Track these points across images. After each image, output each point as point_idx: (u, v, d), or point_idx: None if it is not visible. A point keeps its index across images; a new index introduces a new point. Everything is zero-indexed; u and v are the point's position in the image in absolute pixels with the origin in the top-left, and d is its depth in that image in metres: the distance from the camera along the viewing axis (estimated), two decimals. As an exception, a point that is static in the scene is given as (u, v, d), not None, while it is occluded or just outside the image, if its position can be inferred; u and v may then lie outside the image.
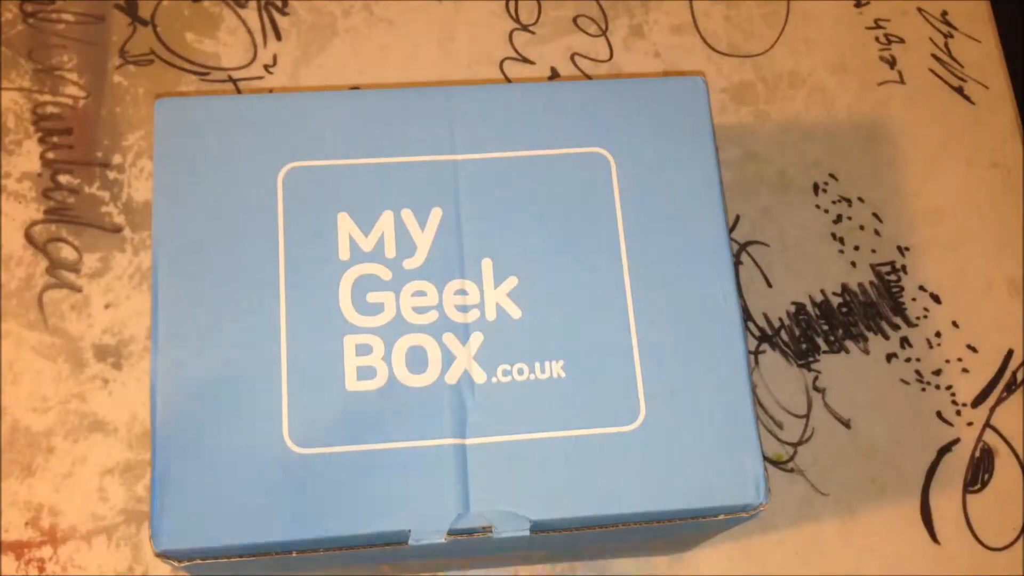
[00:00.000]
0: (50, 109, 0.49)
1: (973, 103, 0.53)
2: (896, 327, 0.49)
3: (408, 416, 0.31)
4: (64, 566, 0.43)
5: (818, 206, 0.50)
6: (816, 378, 0.48)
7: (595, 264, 0.33)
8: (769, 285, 0.49)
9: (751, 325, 0.48)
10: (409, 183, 0.34)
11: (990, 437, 0.48)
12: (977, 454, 0.47)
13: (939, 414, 0.48)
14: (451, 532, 0.31)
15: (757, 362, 0.48)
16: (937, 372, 0.48)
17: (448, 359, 0.32)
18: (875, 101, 0.52)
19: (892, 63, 0.53)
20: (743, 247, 0.49)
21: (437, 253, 0.33)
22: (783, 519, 0.46)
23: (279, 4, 0.52)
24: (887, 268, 0.50)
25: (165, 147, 0.33)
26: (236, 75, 0.50)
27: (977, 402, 0.48)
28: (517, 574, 0.44)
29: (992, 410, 0.48)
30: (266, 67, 0.50)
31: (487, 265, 0.33)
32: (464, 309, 0.33)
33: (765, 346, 0.48)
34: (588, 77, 0.52)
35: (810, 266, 0.49)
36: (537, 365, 0.32)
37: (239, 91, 0.50)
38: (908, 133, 0.52)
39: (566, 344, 0.32)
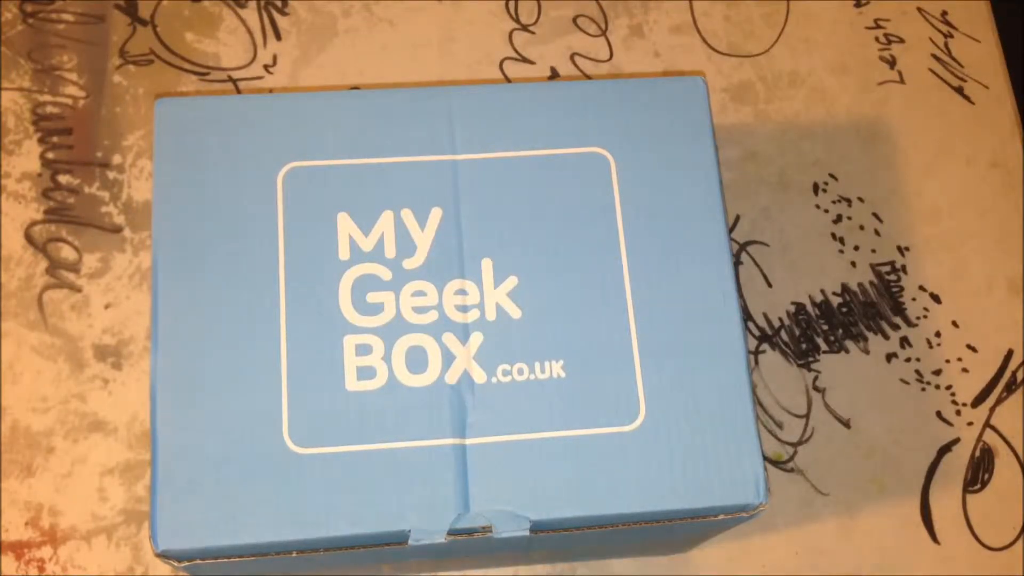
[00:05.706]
0: (50, 109, 0.49)
1: (973, 103, 0.53)
2: (896, 327, 0.49)
3: (408, 416, 0.31)
4: (64, 566, 0.43)
5: (818, 206, 0.50)
6: (816, 378, 0.48)
7: (595, 264, 0.33)
8: (769, 285, 0.49)
9: (751, 325, 0.48)
10: (409, 183, 0.34)
11: (990, 437, 0.48)
12: (977, 454, 0.47)
13: (939, 414, 0.48)
14: (451, 532, 0.31)
15: (757, 362, 0.48)
16: (937, 372, 0.48)
17: (448, 359, 0.32)
18: (875, 101, 0.52)
19: (892, 63, 0.53)
20: (743, 247, 0.49)
21: (437, 253, 0.33)
22: (783, 519, 0.46)
23: (279, 4, 0.52)
24: (887, 268, 0.50)
25: (165, 147, 0.33)
26: (236, 75, 0.50)
27: (977, 402, 0.48)
28: (517, 574, 0.44)
29: (992, 410, 0.48)
30: (266, 67, 0.50)
31: (487, 265, 0.33)
32: (464, 309, 0.33)
33: (765, 346, 0.48)
34: (588, 77, 0.52)
35: (810, 266, 0.49)
36: (537, 365, 0.32)
37: (239, 91, 0.50)
38: (908, 133, 0.52)
39: (566, 344, 0.32)
